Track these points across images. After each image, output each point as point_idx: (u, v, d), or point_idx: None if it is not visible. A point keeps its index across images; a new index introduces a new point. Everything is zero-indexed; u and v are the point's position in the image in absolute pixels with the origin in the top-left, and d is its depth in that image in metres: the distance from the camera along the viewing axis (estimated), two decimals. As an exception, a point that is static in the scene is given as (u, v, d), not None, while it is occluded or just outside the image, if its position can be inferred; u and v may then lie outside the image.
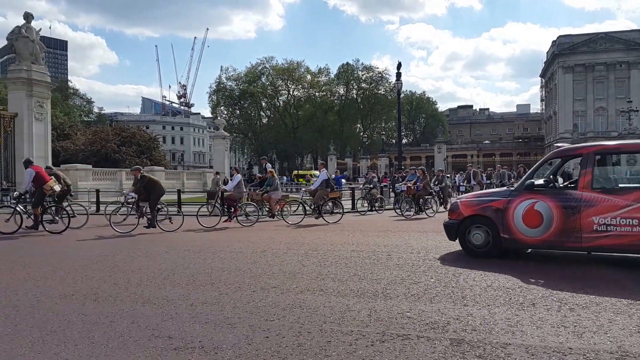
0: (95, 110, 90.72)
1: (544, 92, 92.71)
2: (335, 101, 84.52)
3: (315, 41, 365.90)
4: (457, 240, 8.74)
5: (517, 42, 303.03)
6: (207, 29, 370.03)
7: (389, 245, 9.91)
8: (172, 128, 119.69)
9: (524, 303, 5.33)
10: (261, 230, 13.33)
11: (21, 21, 27.25)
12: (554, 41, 79.64)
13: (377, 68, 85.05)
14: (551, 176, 8.58)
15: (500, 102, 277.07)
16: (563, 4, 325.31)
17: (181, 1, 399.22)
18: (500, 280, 6.49)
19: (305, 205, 16.31)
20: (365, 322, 4.73)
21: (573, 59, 74.16)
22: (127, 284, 6.53)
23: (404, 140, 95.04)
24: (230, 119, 79.89)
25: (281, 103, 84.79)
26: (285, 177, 60.29)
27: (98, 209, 19.68)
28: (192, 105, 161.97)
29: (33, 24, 27.24)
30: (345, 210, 19.62)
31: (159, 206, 13.60)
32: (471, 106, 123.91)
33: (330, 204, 16.41)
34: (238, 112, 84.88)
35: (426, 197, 17.78)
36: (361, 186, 23.09)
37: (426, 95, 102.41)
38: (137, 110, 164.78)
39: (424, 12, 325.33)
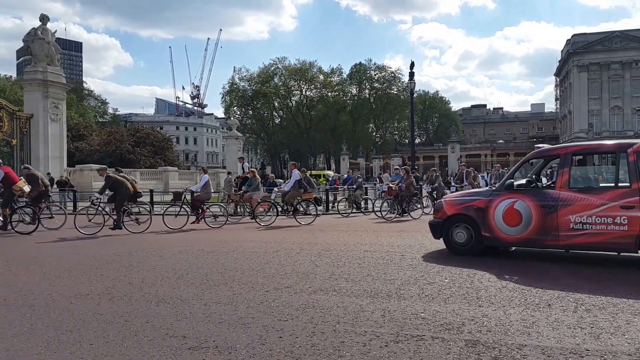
0: (110, 111, 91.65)
1: (558, 91, 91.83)
2: (348, 101, 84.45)
3: (328, 41, 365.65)
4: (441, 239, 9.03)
5: (531, 41, 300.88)
6: (220, 30, 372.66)
7: (402, 245, 9.87)
8: (186, 128, 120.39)
9: (540, 304, 5.28)
10: (270, 231, 13.34)
11: (37, 23, 27.68)
12: (568, 40, 78.85)
13: (390, 68, 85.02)
14: (534, 176, 8.81)
15: (514, 102, 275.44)
16: (577, 3, 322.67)
17: (194, 3, 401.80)
18: (515, 280, 6.44)
19: (278, 206, 15.57)
20: (379, 322, 4.71)
21: (588, 57, 73.29)
22: (142, 284, 6.57)
23: (417, 140, 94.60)
24: (243, 120, 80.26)
25: (294, 103, 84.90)
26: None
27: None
28: (206, 105, 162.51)
29: (48, 25, 27.62)
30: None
31: (125, 207, 13.32)
32: (485, 105, 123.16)
33: (304, 204, 15.82)
34: (251, 112, 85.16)
35: (412, 198, 16.83)
36: (345, 187, 22.25)
37: (439, 95, 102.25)
38: (151, 111, 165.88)
39: (437, 12, 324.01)
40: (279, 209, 15.38)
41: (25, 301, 5.73)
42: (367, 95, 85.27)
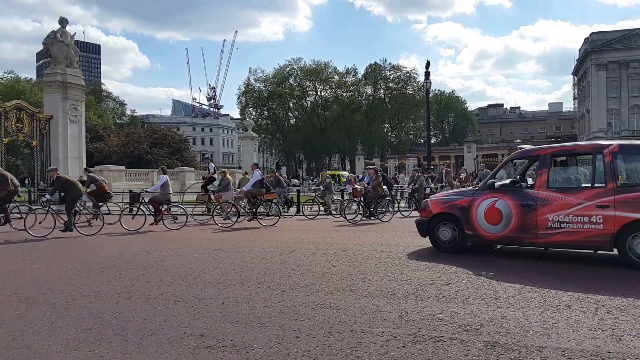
0: (128, 112, 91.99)
1: (576, 90, 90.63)
2: (363, 101, 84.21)
3: (343, 42, 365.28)
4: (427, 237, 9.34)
5: (548, 40, 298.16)
6: (236, 31, 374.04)
7: (418, 245, 9.82)
8: (202, 129, 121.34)
9: (560, 305, 5.21)
10: (280, 231, 13.35)
11: (56, 26, 28.08)
12: (586, 38, 77.73)
13: (405, 68, 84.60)
14: (518, 176, 9.07)
15: (531, 101, 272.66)
16: (595, 1, 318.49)
17: (210, 5, 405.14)
18: (534, 281, 6.36)
19: (239, 206, 15.31)
20: (396, 323, 4.69)
21: (606, 56, 72.15)
22: (160, 283, 6.61)
23: (433, 140, 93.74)
24: (259, 120, 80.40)
25: (309, 104, 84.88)
26: (310, 177, 60.30)
27: (131, 210, 20.00)
28: (222, 106, 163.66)
29: (67, 28, 27.98)
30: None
31: (76, 208, 13.18)
32: (502, 105, 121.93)
33: (271, 205, 15.57)
34: (266, 113, 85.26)
35: (380, 200, 15.86)
36: (313, 187, 21.52)
37: (455, 94, 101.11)
38: (168, 112, 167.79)
39: (452, 11, 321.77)
40: (240, 210, 15.19)
41: (46, 299, 5.81)
42: (382, 95, 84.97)
